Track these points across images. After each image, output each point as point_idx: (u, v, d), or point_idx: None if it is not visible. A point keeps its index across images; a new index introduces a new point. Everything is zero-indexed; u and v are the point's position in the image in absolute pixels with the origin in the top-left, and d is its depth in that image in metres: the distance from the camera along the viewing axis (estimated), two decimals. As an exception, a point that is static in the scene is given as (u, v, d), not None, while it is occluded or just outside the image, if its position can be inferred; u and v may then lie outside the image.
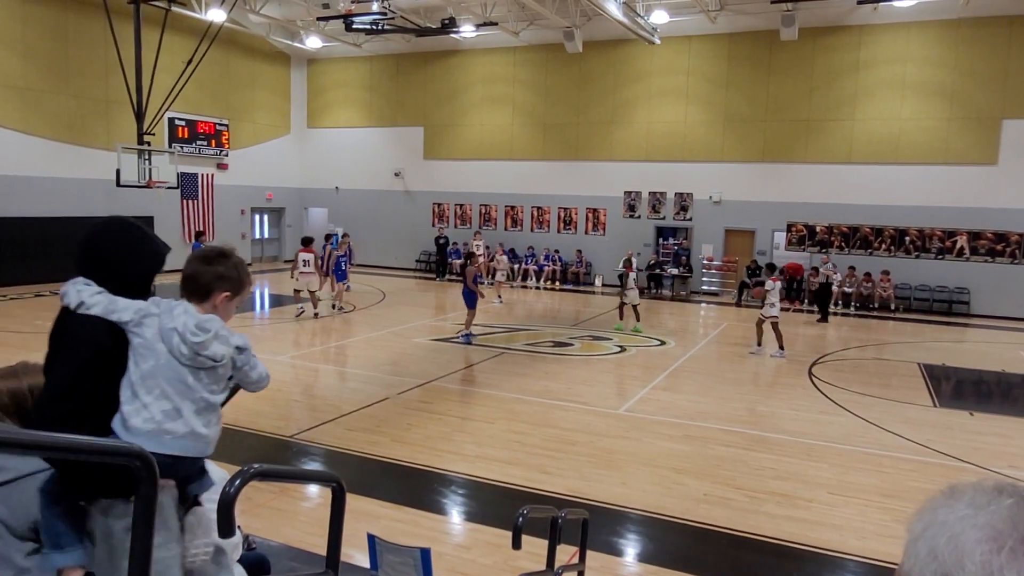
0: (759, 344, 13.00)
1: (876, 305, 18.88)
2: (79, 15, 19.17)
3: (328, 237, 20.27)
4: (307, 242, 15.33)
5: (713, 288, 21.24)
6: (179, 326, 2.06)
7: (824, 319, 17.18)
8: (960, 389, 11.73)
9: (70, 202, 19.31)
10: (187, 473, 2.11)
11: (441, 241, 23.48)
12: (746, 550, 5.51)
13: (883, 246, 19.44)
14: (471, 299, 13.23)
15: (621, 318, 15.15)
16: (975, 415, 9.39)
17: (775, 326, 12.80)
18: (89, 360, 2.02)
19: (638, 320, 14.93)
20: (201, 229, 17.31)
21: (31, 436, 1.56)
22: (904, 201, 19.01)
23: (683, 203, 21.63)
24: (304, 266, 14.93)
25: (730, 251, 21.35)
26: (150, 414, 2.02)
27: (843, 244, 19.82)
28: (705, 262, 21.31)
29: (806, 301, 19.40)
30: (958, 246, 18.72)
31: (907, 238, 19.16)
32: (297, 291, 15.36)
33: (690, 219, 21.62)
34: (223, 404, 2.23)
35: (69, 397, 1.99)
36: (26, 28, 18.23)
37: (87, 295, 2.05)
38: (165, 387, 2.05)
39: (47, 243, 18.78)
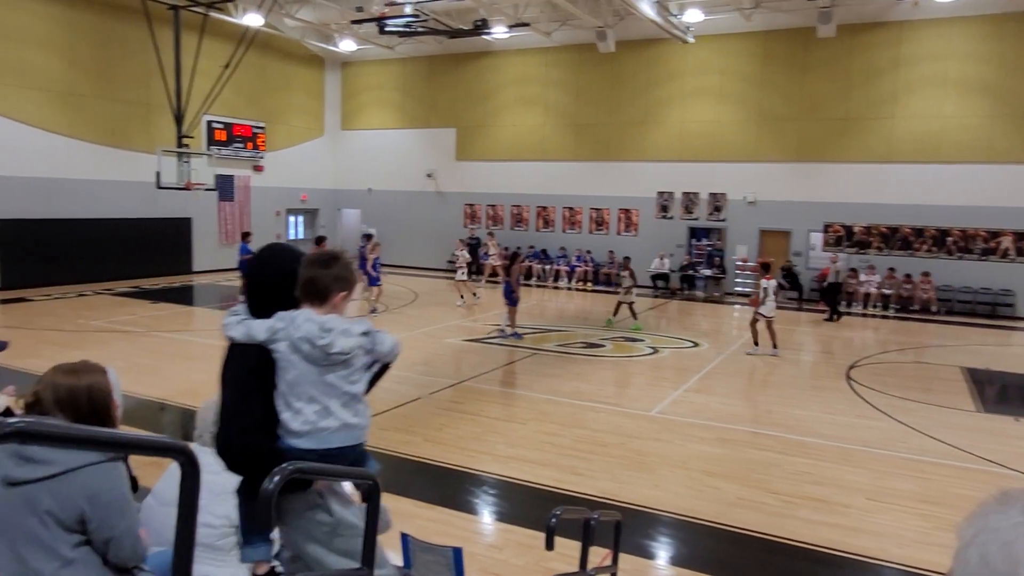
0: (756, 344, 12.88)
1: (917, 307, 18.46)
2: (121, 21, 19.65)
3: (369, 237, 20.55)
4: (319, 241, 16.26)
5: (747, 290, 20.94)
6: (306, 333, 2.24)
7: (832, 318, 16.93)
8: (1005, 394, 11.41)
9: (112, 204, 19.81)
10: (352, 461, 2.33)
11: (472, 242, 23.54)
12: (780, 555, 5.42)
13: (924, 247, 19.00)
14: (513, 296, 13.50)
15: (615, 314, 15.28)
16: (1021, 421, 9.13)
17: (769, 325, 12.71)
18: (244, 380, 2.28)
19: (635, 318, 15.00)
20: (248, 230, 17.89)
21: (79, 431, 1.61)
22: (946, 201, 18.57)
23: (717, 203, 21.40)
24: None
25: (765, 252, 21.05)
26: (305, 417, 2.24)
27: (882, 245, 19.43)
28: (739, 263, 21.05)
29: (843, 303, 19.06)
30: (1002, 247, 18.22)
31: (949, 238, 18.70)
32: None
33: (724, 220, 21.38)
34: (370, 388, 2.42)
35: (240, 415, 2.24)
36: (72, 34, 18.75)
37: (232, 326, 2.33)
38: (311, 391, 2.25)
39: (90, 244, 19.30)
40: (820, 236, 20.14)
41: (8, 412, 4.15)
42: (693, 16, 19.00)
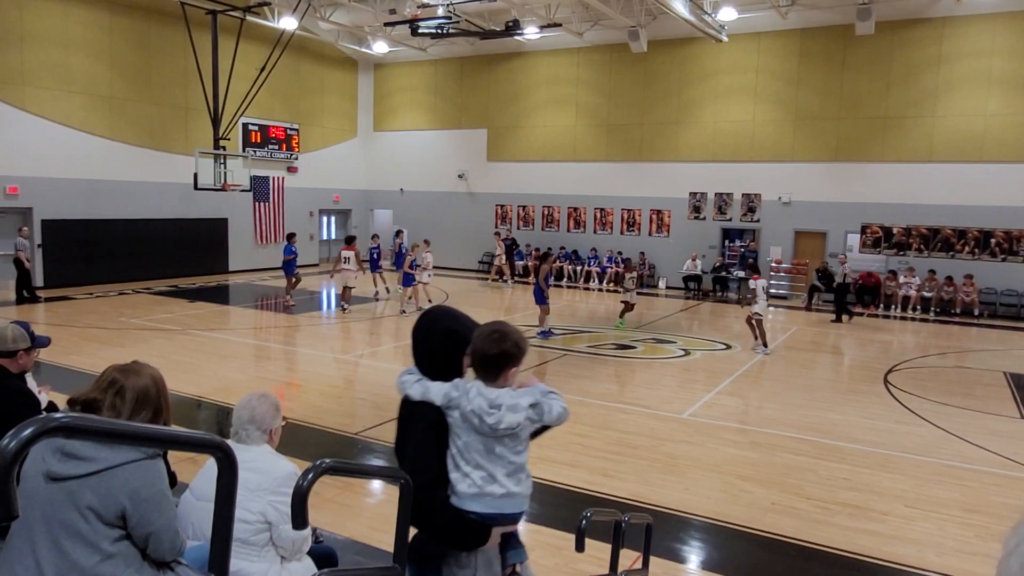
0: (764, 344, 12.97)
1: (958, 311, 18.01)
2: (161, 26, 20.08)
3: (399, 233, 21.12)
4: (350, 240, 16.64)
5: (782, 292, 20.66)
6: (476, 408, 2.37)
7: (839, 319, 16.76)
8: (1050, 400, 11.06)
9: (151, 205, 20.25)
10: (506, 525, 2.48)
11: (508, 243, 23.57)
12: (816, 562, 5.33)
13: (966, 248, 18.54)
14: (543, 296, 13.73)
15: (621, 316, 15.22)
16: (1067, 428, 8.85)
17: (760, 323, 12.92)
18: (424, 436, 2.44)
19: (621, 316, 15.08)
20: (293, 231, 18.40)
21: (120, 426, 1.65)
22: (989, 201, 18.09)
23: (751, 204, 21.13)
24: (345, 263, 15.99)
25: (800, 253, 20.74)
26: (472, 481, 2.39)
27: (922, 246, 19.00)
28: (773, 265, 20.75)
29: (881, 305, 18.70)
30: (1048, 249, 17.69)
31: (992, 240, 18.22)
32: (347, 288, 16.18)
33: (758, 220, 21.10)
34: (533, 438, 2.56)
35: (422, 471, 2.40)
36: (113, 39, 19.20)
37: (409, 385, 2.50)
38: (478, 458, 2.40)
39: (130, 244, 19.76)
40: (857, 237, 19.76)
41: (52, 407, 4.26)
42: (727, 14, 18.77)
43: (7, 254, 17.63)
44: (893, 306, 18.55)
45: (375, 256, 18.99)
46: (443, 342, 2.50)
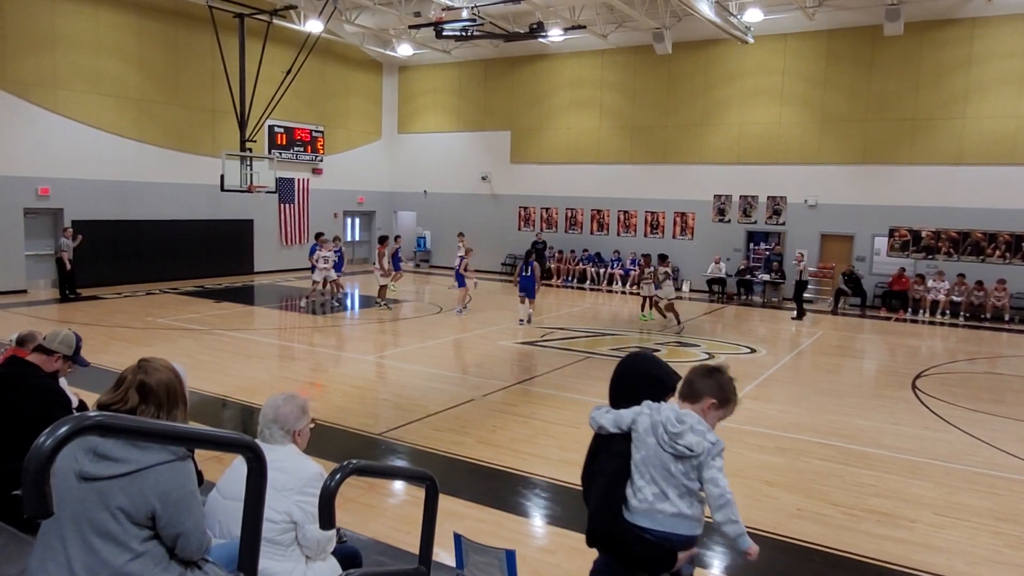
0: (679, 323, 15.29)
1: (988, 315, 17.68)
2: (189, 29, 20.37)
3: (396, 239, 21.71)
4: (383, 240, 17.23)
5: (807, 295, 20.41)
6: (663, 418, 2.50)
7: (799, 317, 17.17)
8: (1085, 408, 10.80)
9: (179, 206, 20.54)
10: (681, 547, 2.53)
11: (539, 246, 23.54)
12: (842, 569, 5.25)
13: (997, 252, 18.19)
14: (533, 290, 15.26)
15: (643, 310, 16.36)
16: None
17: (671, 307, 15.37)
18: (617, 469, 2.56)
19: (643, 311, 16.35)
20: (321, 231, 18.76)
21: (153, 425, 1.67)
22: (1021, 204, 17.73)
23: (776, 207, 20.92)
24: (323, 262, 16.56)
25: (826, 257, 20.49)
26: (643, 495, 2.49)
27: (951, 250, 18.68)
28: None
29: (909, 310, 18.41)
30: (1083, 253, 17.30)
31: (1024, 244, 17.87)
32: (381, 287, 16.74)
33: (783, 223, 20.88)
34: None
35: (612, 502, 2.54)
36: (142, 42, 19.52)
37: (600, 416, 2.63)
38: (653, 473, 2.49)
39: (158, 244, 20.06)
40: (885, 240, 19.48)
41: (82, 407, 4.33)
42: (753, 16, 18.63)
43: (42, 254, 18.02)
44: (922, 311, 18.25)
45: (397, 257, 19.36)
46: (643, 384, 2.62)
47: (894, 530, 5.83)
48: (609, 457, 2.59)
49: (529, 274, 15.07)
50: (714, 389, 2.54)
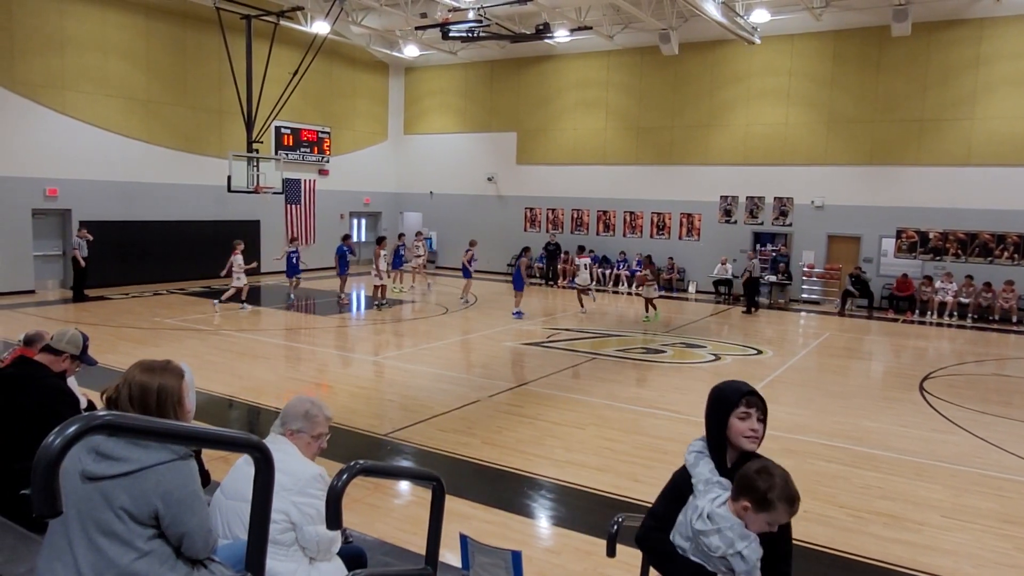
0: (582, 307, 17.10)
1: (996, 317, 17.58)
2: (196, 31, 20.45)
3: (408, 235, 22.17)
4: (380, 240, 17.78)
5: (814, 296, 20.37)
6: (700, 506, 2.46)
7: (750, 311, 18.16)
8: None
9: (185, 207, 20.61)
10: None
11: (552, 247, 23.51)
12: (849, 572, 5.23)
13: (1005, 254, 18.10)
14: (521, 284, 16.53)
15: (647, 311, 16.62)
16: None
17: (582, 291, 17.08)
18: (673, 492, 2.64)
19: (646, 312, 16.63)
20: (348, 233, 19.12)
21: (162, 425, 1.68)
22: (1030, 206, 17.65)
23: (783, 208, 20.87)
24: (237, 267, 15.96)
25: (833, 258, 20.42)
26: (688, 524, 2.50)
27: (959, 251, 18.59)
28: (806, 269, 20.46)
29: (916, 311, 18.33)
30: (1092, 255, 17.19)
31: (1033, 245, 17.76)
32: (376, 286, 17.39)
33: (790, 224, 20.82)
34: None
35: (650, 516, 2.63)
36: (150, 44, 19.61)
37: (688, 453, 2.68)
38: (685, 531, 2.51)
39: (165, 245, 20.11)
40: (892, 242, 19.41)
41: (91, 407, 4.35)
42: (760, 16, 18.59)
43: (50, 254, 18.10)
44: (929, 312, 18.17)
45: (401, 254, 20.31)
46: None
47: (901, 532, 5.80)
48: (672, 487, 2.65)
49: (516, 270, 16.83)
50: (749, 489, 2.36)
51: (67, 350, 4.19)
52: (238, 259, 16.04)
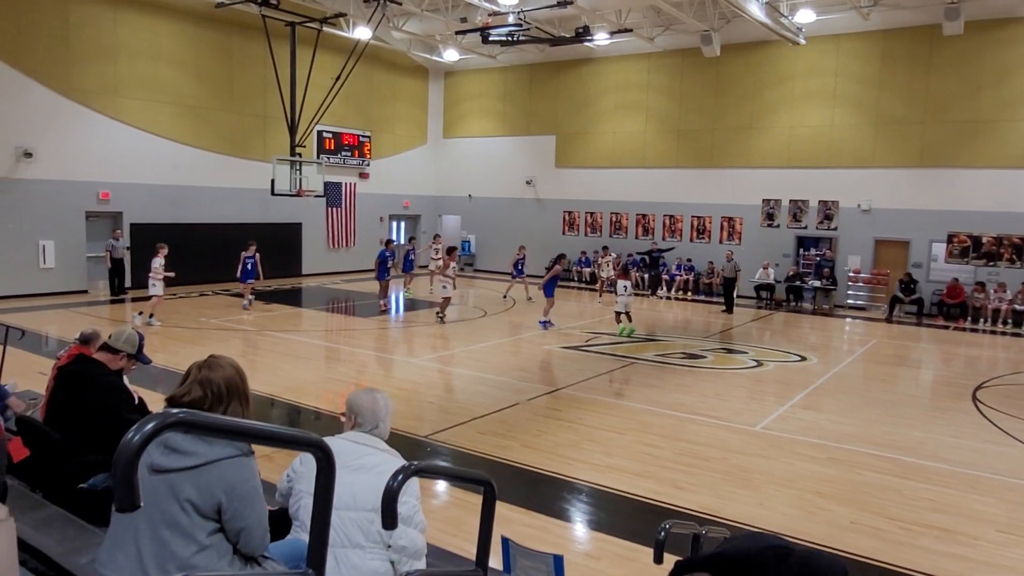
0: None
1: (1053, 325, 16.96)
2: (243, 38, 20.89)
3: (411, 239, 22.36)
4: (410, 240, 18.20)
5: (860, 302, 19.90)
6: None
7: (729, 310, 18.53)
8: None
9: (231, 209, 21.05)
10: None
11: (656, 255, 23.18)
12: (900, 586, 5.08)
13: (1063, 260, 17.44)
14: (551, 290, 15.38)
15: (619, 322, 14.85)
16: None
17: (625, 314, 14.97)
18: None
19: (619, 323, 14.83)
20: (391, 238, 19.45)
21: (229, 422, 1.73)
22: (1090, 209, 16.99)
23: (827, 211, 20.44)
24: (154, 274, 14.27)
25: (880, 263, 19.92)
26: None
27: (1014, 257, 17.97)
28: (851, 274, 20.00)
29: (968, 319, 17.77)
30: None
31: (1093, 251, 17.09)
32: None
33: (835, 228, 20.39)
34: None
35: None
36: (198, 51, 20.10)
37: None
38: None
39: (211, 247, 20.53)
40: (943, 247, 18.86)
41: (142, 403, 4.46)
42: (805, 17, 18.25)
43: (102, 255, 18.66)
44: (982, 319, 17.61)
45: (411, 259, 20.23)
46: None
47: (954, 547, 5.62)
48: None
49: (551, 279, 15.51)
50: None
51: (124, 349, 4.32)
52: (159, 261, 14.50)
